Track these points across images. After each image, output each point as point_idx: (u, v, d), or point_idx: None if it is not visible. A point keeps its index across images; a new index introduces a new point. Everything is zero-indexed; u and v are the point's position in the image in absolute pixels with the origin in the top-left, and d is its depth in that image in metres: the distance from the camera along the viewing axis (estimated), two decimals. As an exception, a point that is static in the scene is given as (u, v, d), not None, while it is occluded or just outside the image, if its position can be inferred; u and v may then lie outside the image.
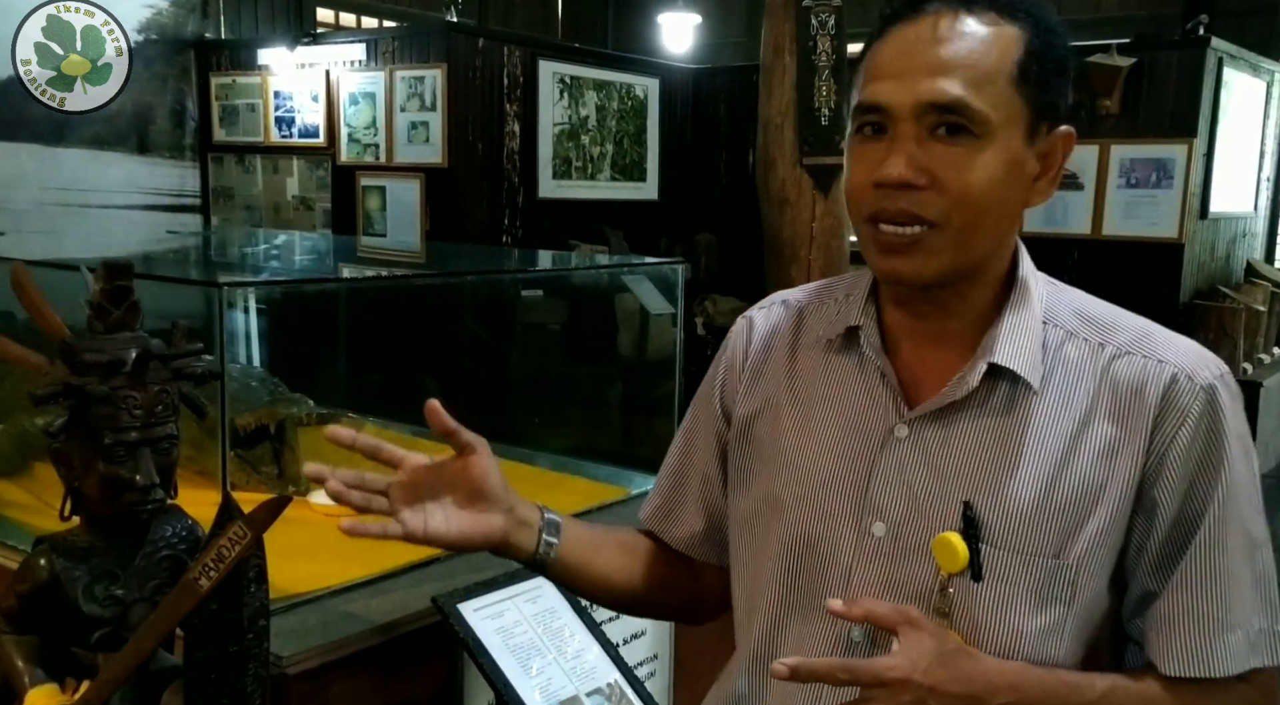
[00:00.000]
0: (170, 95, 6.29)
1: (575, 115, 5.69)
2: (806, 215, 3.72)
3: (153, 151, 6.26)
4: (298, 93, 5.70)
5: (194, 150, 6.36)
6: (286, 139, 5.80)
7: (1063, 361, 1.03)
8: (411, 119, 5.18)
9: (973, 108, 0.95)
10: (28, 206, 5.74)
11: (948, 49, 0.96)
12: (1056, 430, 1.01)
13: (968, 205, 0.96)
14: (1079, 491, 0.99)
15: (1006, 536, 1.00)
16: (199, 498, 2.28)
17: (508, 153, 5.33)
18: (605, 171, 5.92)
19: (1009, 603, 0.99)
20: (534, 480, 2.48)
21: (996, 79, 0.96)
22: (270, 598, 1.73)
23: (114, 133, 6.11)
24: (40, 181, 5.84)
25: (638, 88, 6.07)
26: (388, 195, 5.31)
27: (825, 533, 1.08)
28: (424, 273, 2.97)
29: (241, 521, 1.08)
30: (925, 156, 0.96)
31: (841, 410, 1.10)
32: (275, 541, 2.01)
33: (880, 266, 1.02)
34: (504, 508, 1.16)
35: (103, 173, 6.08)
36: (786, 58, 3.71)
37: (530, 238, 5.41)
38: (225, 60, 6.16)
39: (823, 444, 1.10)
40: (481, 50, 5.20)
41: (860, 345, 1.09)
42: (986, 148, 0.96)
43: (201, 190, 6.36)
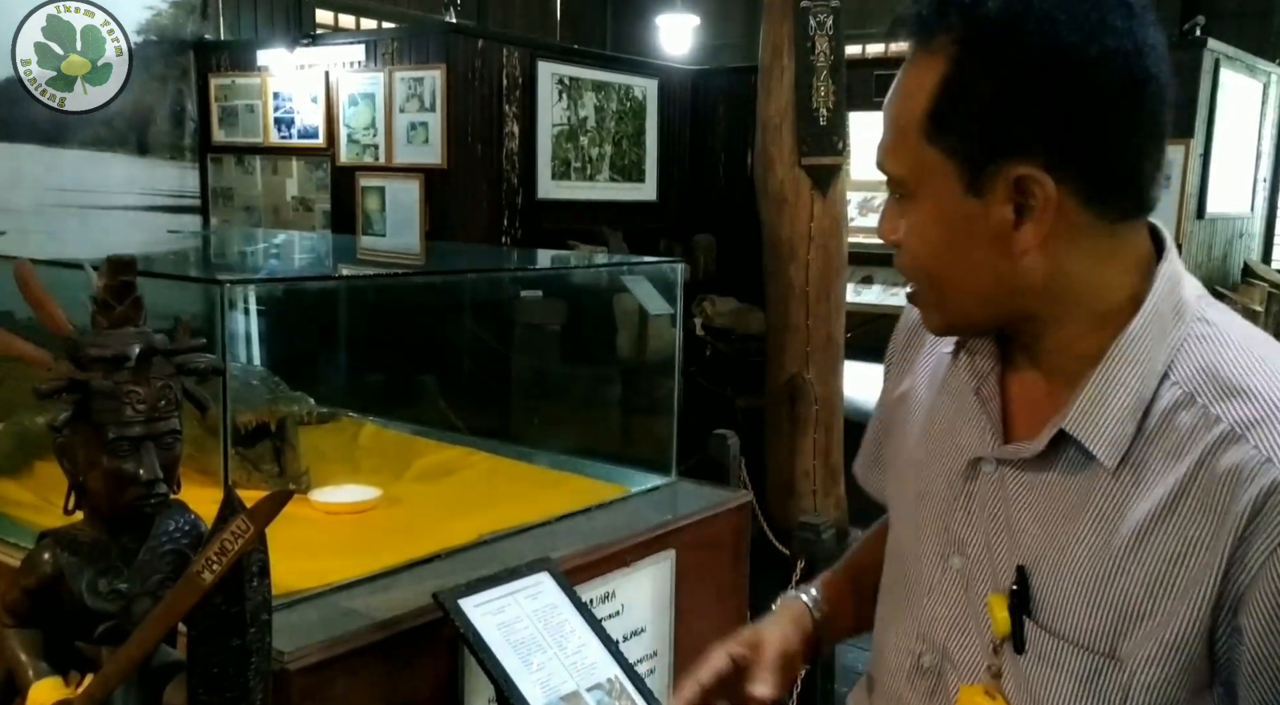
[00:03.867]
0: (170, 96, 6.29)
1: (574, 116, 5.69)
2: (805, 215, 3.72)
3: (153, 152, 6.26)
4: (297, 94, 5.70)
5: (194, 151, 6.36)
6: (286, 140, 5.80)
7: (1168, 430, 0.87)
8: (411, 120, 5.19)
9: (889, 171, 0.92)
10: (27, 207, 5.75)
11: (886, 107, 0.93)
12: (1135, 511, 0.87)
13: (917, 263, 0.93)
14: (1143, 587, 0.86)
15: (1055, 617, 0.90)
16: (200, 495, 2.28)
17: (507, 153, 5.33)
18: (604, 172, 5.92)
19: (1051, 686, 0.91)
20: (534, 480, 2.49)
21: (907, 133, 0.89)
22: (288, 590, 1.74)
23: (114, 134, 6.11)
24: (40, 182, 5.84)
25: (636, 89, 6.08)
26: (387, 196, 5.32)
27: (916, 549, 1.04)
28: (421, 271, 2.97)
29: (244, 516, 1.08)
30: (896, 216, 0.94)
31: (950, 423, 1.03)
32: (276, 538, 2.01)
33: None
34: (791, 652, 1.17)
35: (103, 174, 6.08)
36: (785, 58, 3.72)
37: (529, 238, 5.42)
38: (225, 61, 6.16)
39: (929, 452, 1.05)
40: (481, 51, 5.21)
41: (960, 365, 1.03)
42: (918, 209, 0.91)
43: (201, 191, 6.36)
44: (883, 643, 1.10)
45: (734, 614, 2.32)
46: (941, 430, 1.03)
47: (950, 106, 0.85)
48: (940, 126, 0.86)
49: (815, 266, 3.72)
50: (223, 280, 1.57)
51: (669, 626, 2.17)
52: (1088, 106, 0.83)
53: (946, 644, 1.00)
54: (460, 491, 2.39)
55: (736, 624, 2.42)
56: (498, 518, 2.14)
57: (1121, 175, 0.87)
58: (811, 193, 3.72)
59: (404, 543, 2.00)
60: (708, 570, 2.28)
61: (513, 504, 2.26)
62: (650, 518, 2.24)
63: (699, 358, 5.32)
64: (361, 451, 2.70)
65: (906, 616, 1.04)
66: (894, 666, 1.06)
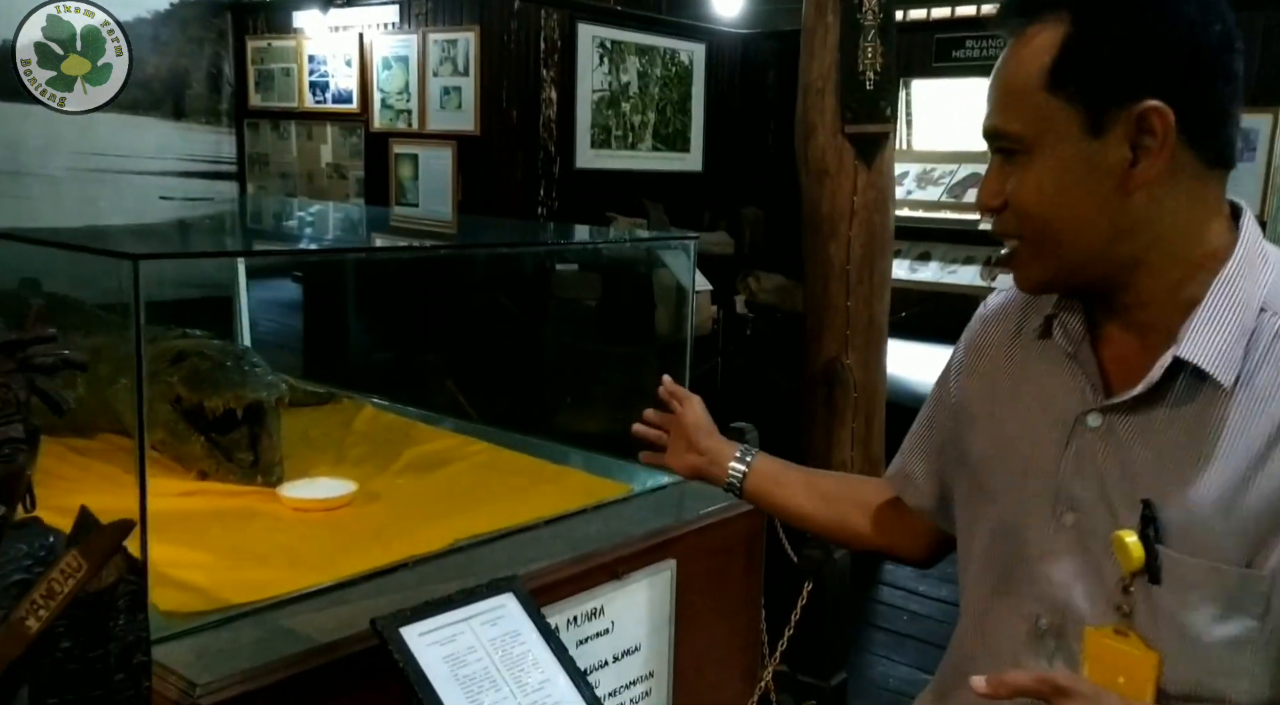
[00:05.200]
0: (206, 59, 6.17)
1: (616, 82, 5.44)
2: (848, 187, 3.45)
3: (188, 117, 6.16)
4: (332, 57, 5.54)
5: (230, 116, 6.24)
6: (320, 104, 5.65)
7: (1275, 354, 0.97)
8: (444, 84, 4.99)
9: (1006, 131, 1.01)
10: (61, 173, 5.67)
11: (995, 78, 1.03)
12: (1253, 430, 0.96)
13: (1030, 219, 1.02)
14: (1274, 498, 0.94)
15: (1188, 540, 0.97)
16: (165, 487, 2.11)
17: (544, 121, 5.11)
18: (646, 141, 5.67)
19: (1191, 609, 0.97)
20: (531, 474, 2.28)
21: (1027, 93, 0.99)
22: (200, 610, 1.55)
23: (149, 97, 6.01)
24: (74, 147, 5.76)
25: (683, 53, 5.80)
26: (420, 164, 5.13)
27: (1023, 519, 1.10)
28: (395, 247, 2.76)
29: (77, 551, 0.88)
30: (1001, 179, 1.03)
31: (1043, 397, 1.11)
32: (227, 541, 1.83)
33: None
34: (698, 450, 1.49)
35: (138, 138, 5.99)
36: (829, 17, 3.44)
37: (566, 210, 5.20)
38: (261, 23, 6.01)
39: (1024, 430, 1.12)
40: (517, 12, 4.98)
41: (1053, 335, 1.10)
42: (1034, 162, 1.00)
43: (238, 157, 6.24)
44: (987, 626, 1.15)
45: (745, 631, 2.10)
46: (1036, 404, 1.11)
47: (1074, 58, 0.97)
48: (1064, 77, 0.97)
49: (858, 243, 3.44)
50: (135, 255, 1.37)
51: (667, 645, 1.95)
52: (1198, 57, 0.96)
53: (1068, 600, 1.05)
54: (447, 487, 2.19)
55: (748, 642, 2.21)
56: (479, 520, 1.94)
57: (1218, 120, 0.99)
58: (855, 163, 3.44)
59: (370, 548, 1.80)
60: (715, 582, 2.06)
61: (499, 504, 2.05)
62: (649, 522, 2.02)
63: (739, 337, 5.07)
64: (353, 437, 2.51)
65: (1016, 590, 1.10)
66: (1008, 638, 1.11)
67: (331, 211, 4.48)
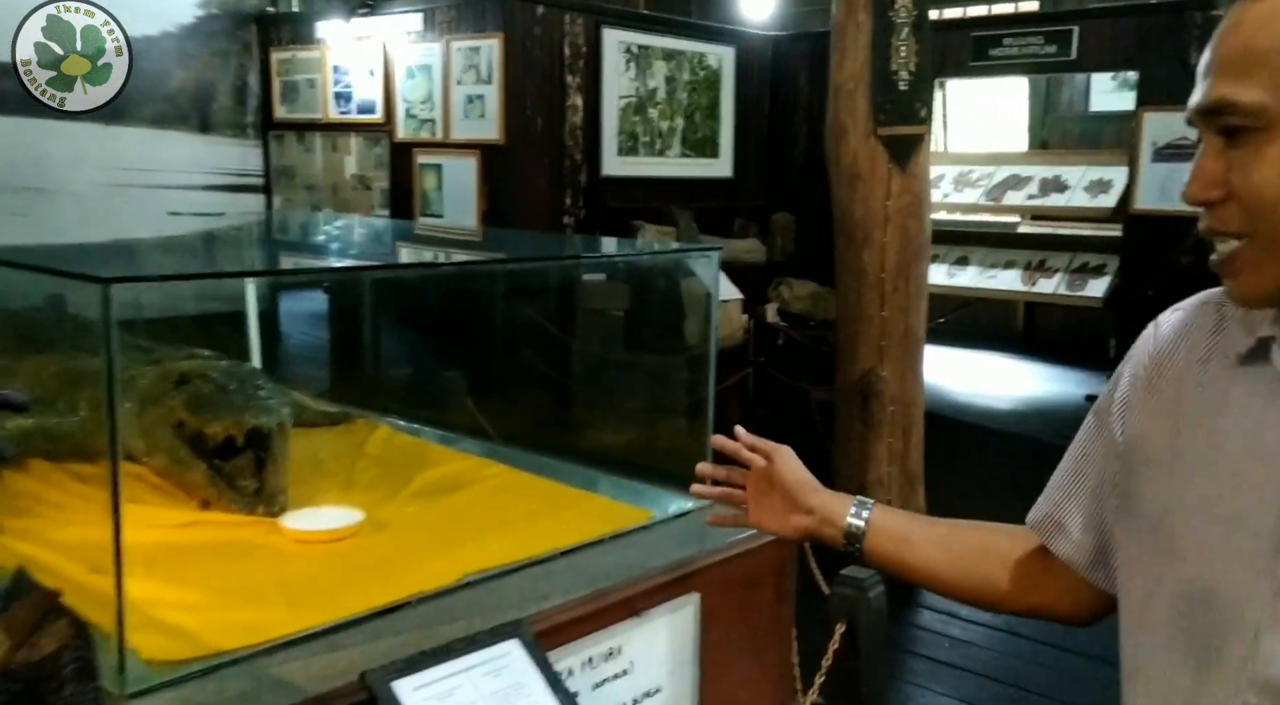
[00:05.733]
0: (232, 72, 6.14)
1: (643, 87, 5.33)
2: (881, 192, 3.31)
3: (214, 130, 6.13)
4: (355, 67, 5.48)
5: (256, 128, 6.21)
6: (345, 115, 5.59)
7: None
8: (468, 92, 4.90)
9: (1238, 104, 0.85)
10: (86, 188, 5.66)
11: (1223, 41, 0.88)
12: None
13: (1265, 213, 0.85)
14: None
15: None
16: (164, 517, 2.02)
17: (569, 128, 5.01)
18: (675, 147, 5.55)
19: None
20: (548, 499, 2.17)
21: (1270, 57, 0.84)
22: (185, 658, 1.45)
23: (175, 111, 5.99)
24: (100, 162, 5.75)
25: (711, 57, 5.68)
26: (444, 174, 5.05)
27: (1229, 580, 0.93)
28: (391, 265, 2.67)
29: None
30: (1221, 166, 0.88)
31: (1254, 437, 0.92)
32: (222, 577, 1.73)
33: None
34: (803, 509, 1.32)
35: (164, 152, 5.96)
36: (860, 15, 3.30)
37: (593, 218, 5.10)
38: (286, 34, 5.97)
39: (1227, 477, 0.94)
40: (541, 18, 4.89)
41: (1272, 360, 0.92)
42: (1274, 140, 0.84)
43: (264, 169, 6.20)
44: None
45: (775, 668, 1.97)
46: (1244, 445, 0.93)
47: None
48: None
49: (892, 249, 3.30)
50: (106, 278, 1.28)
51: (691, 686, 1.83)
52: None
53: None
54: (459, 515, 2.08)
55: (778, 680, 2.07)
56: (490, 551, 1.83)
57: None
58: (889, 166, 3.30)
59: (373, 584, 1.69)
60: (742, 616, 1.93)
61: (513, 533, 1.94)
62: (671, 552, 1.90)
63: (770, 346, 4.94)
64: (365, 461, 2.42)
65: (1224, 670, 0.92)
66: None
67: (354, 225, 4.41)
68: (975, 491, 3.35)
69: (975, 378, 6.90)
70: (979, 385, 6.77)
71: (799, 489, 1.33)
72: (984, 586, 1.24)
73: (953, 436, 5.44)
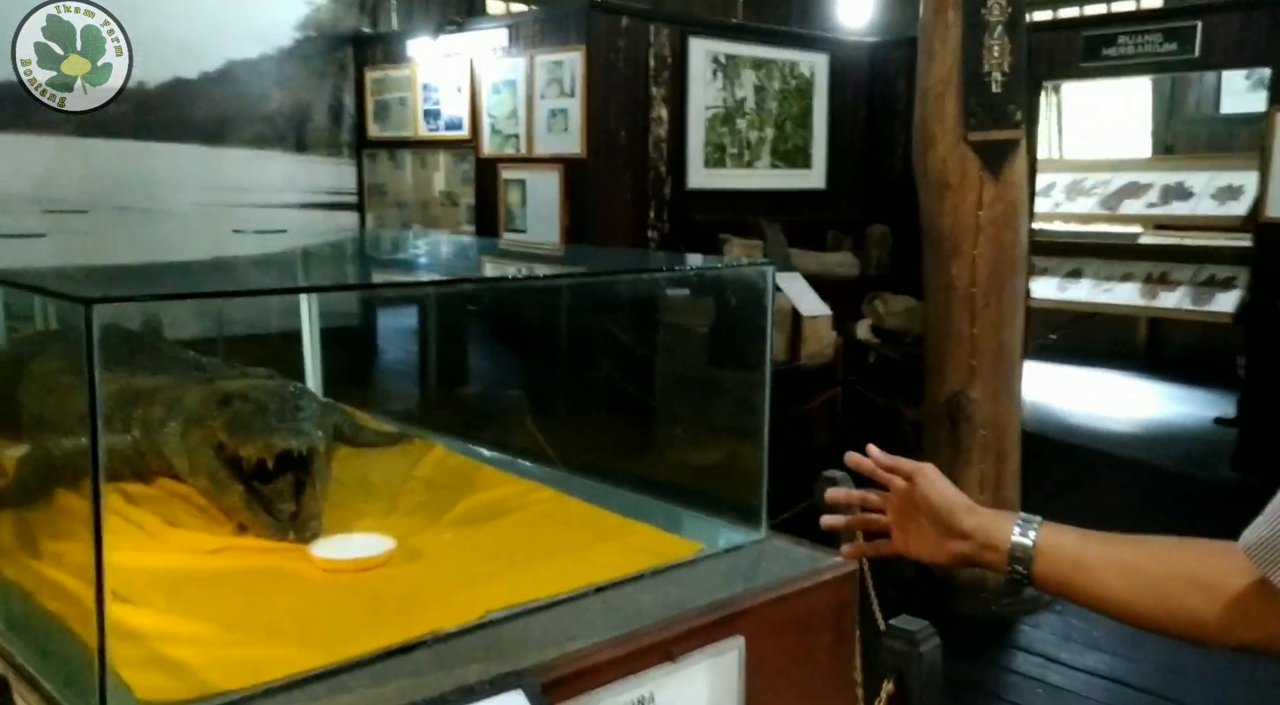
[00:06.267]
0: (328, 92, 6.25)
1: (730, 97, 5.20)
2: (971, 201, 3.10)
3: (310, 149, 6.24)
4: (444, 84, 5.50)
5: (351, 147, 6.30)
6: (434, 132, 5.61)
7: None
8: (551, 106, 4.86)
9: None
10: (188, 208, 5.81)
11: None
12: None
13: None
14: None
15: None
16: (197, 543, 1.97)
17: (654, 140, 4.91)
18: (764, 158, 5.40)
19: None
20: (593, 528, 2.04)
21: None
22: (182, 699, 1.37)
23: (274, 131, 6.12)
24: (202, 182, 5.90)
25: (803, 65, 5.51)
26: (528, 189, 5.01)
27: None
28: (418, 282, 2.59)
29: None
30: None
31: None
32: (240, 608, 1.65)
33: None
34: (958, 533, 1.20)
35: (262, 172, 6.10)
36: (950, 13, 3.11)
37: (677, 232, 4.98)
38: (379, 54, 6.04)
39: None
40: (625, 30, 4.81)
41: None
42: None
43: (358, 187, 6.29)
44: None
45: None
46: None
47: None
48: None
49: (984, 262, 3.09)
50: (89, 298, 1.21)
51: (735, 737, 1.68)
52: None
53: None
54: (497, 544, 1.98)
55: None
56: (521, 585, 1.71)
57: None
58: (980, 174, 3.09)
59: (393, 619, 1.60)
60: (794, 663, 1.77)
61: (549, 564, 1.83)
62: (715, 589, 1.75)
63: (861, 364, 4.73)
64: (413, 483, 2.34)
65: None
66: None
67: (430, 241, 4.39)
68: (1086, 524, 3.10)
69: (1090, 398, 6.51)
70: (1094, 406, 6.38)
71: (951, 510, 1.21)
72: (1184, 619, 1.07)
73: (1062, 462, 5.12)
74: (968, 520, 1.20)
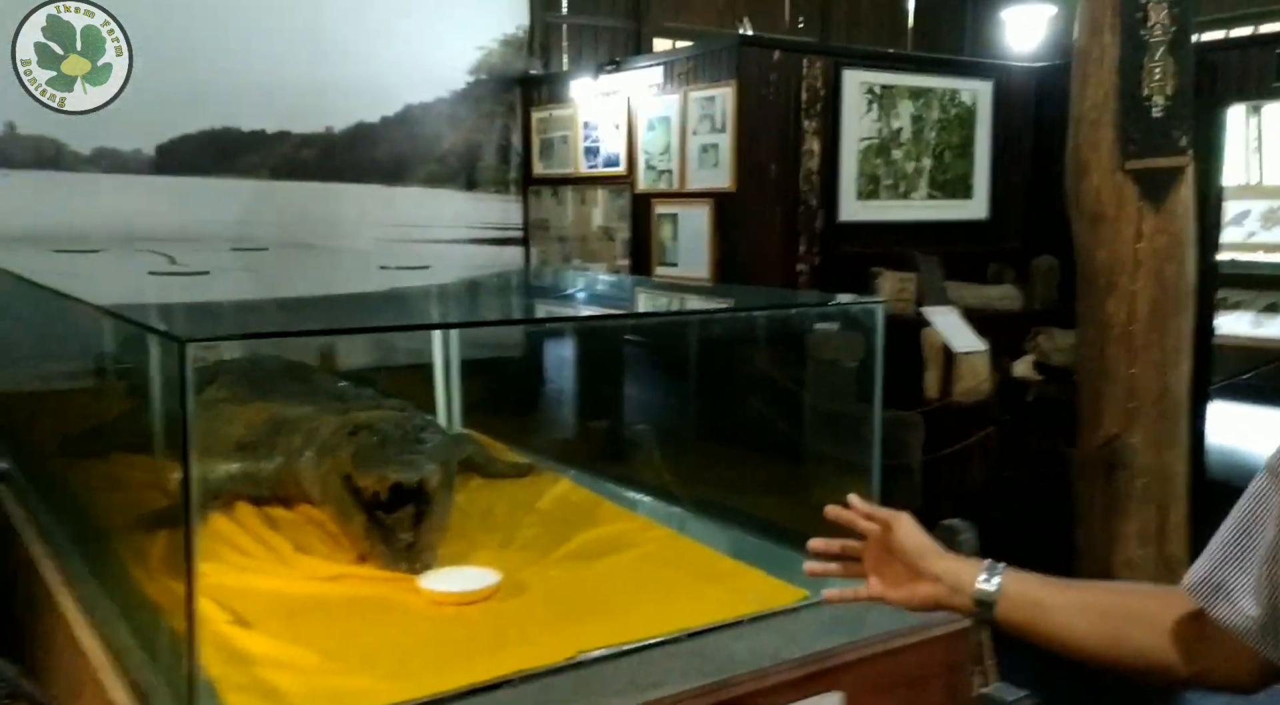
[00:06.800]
0: (497, 132, 6.49)
1: (886, 128, 5.09)
2: (1129, 233, 2.92)
3: (480, 187, 6.49)
4: (603, 122, 5.62)
5: (518, 184, 6.52)
6: (593, 169, 5.74)
7: None
8: (703, 142, 4.88)
9: None
10: (369, 244, 6.14)
11: None
12: None
13: None
14: None
15: None
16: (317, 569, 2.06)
17: (805, 173, 4.86)
18: (921, 189, 5.25)
19: None
20: (701, 570, 2.03)
21: None
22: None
23: (446, 171, 6.41)
24: (380, 220, 6.24)
25: (964, 93, 5.34)
26: (679, 223, 5.05)
27: None
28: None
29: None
30: None
31: None
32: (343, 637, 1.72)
33: None
34: (929, 577, 1.25)
35: (435, 209, 6.39)
36: (1106, 36, 2.96)
37: (828, 265, 4.90)
38: (545, 94, 6.24)
39: None
40: (777, 63, 4.79)
41: None
42: None
43: (523, 223, 6.49)
44: None
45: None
46: None
47: None
48: None
49: (1144, 298, 2.90)
50: (184, 338, 1.29)
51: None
52: None
53: None
54: (601, 581, 1.99)
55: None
56: (616, 627, 1.72)
57: None
58: (1139, 204, 2.91)
59: (484, 655, 1.63)
60: (897, 722, 1.70)
61: (649, 606, 1.83)
62: (817, 640, 1.70)
63: (1017, 403, 4.50)
64: (533, 517, 2.39)
65: None
66: None
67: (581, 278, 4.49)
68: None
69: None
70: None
71: (921, 555, 1.27)
72: (1135, 656, 1.12)
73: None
74: (937, 565, 1.25)
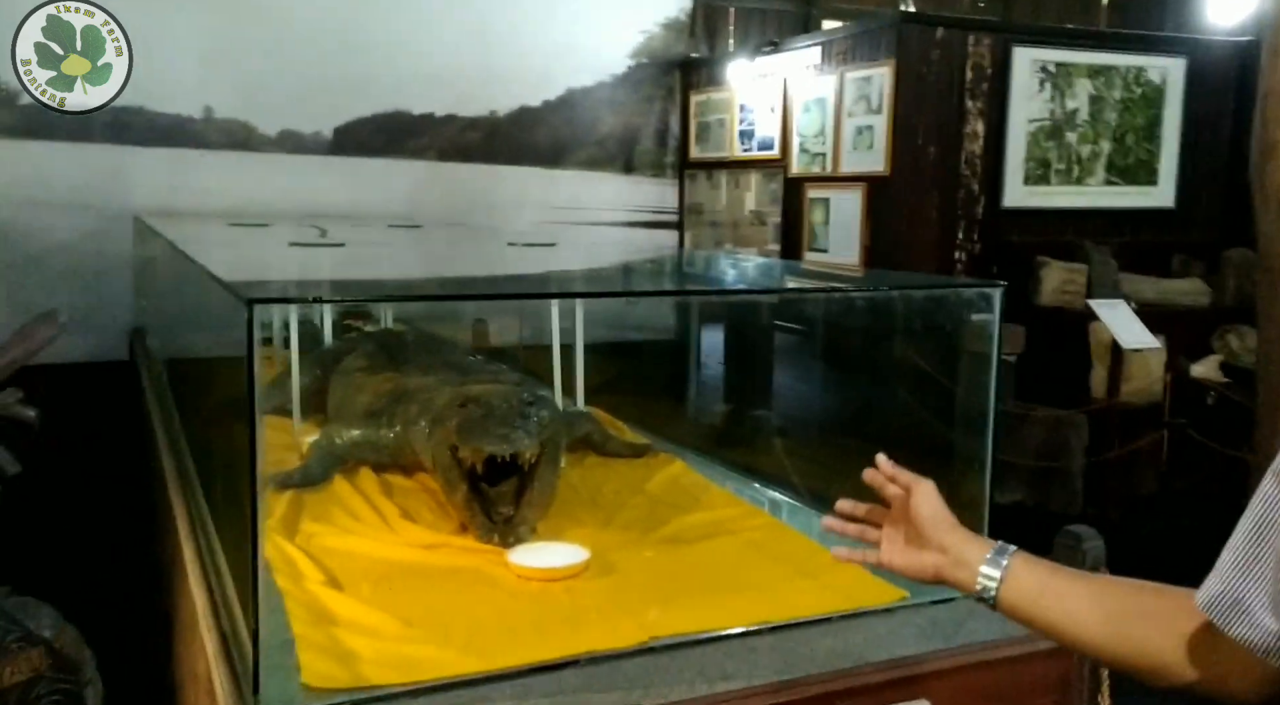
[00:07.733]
0: (656, 116, 6.49)
1: (1060, 109, 4.78)
2: (1317, 222, 2.62)
3: (637, 170, 6.51)
4: (759, 105, 5.53)
5: (674, 168, 6.50)
6: (747, 152, 5.65)
7: None
8: (858, 124, 4.72)
9: None
10: (528, 226, 6.26)
11: None
12: None
13: None
14: None
15: None
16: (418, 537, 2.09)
17: (966, 157, 4.62)
18: (1098, 174, 4.90)
19: None
20: (799, 561, 1.95)
21: None
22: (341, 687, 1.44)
23: (605, 154, 6.45)
24: (541, 201, 6.34)
25: (1152, 71, 4.95)
26: (831, 207, 4.90)
27: None
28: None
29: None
30: None
31: None
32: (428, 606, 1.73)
33: None
34: (936, 547, 1.22)
35: (593, 192, 6.44)
36: (1298, 3, 2.65)
37: (989, 254, 4.65)
38: (703, 78, 6.19)
39: None
40: (939, 41, 4.57)
41: None
42: None
43: (679, 207, 6.47)
44: None
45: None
46: None
47: None
48: None
49: (1331, 294, 2.59)
50: (249, 299, 1.31)
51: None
52: None
53: None
54: (692, 567, 1.94)
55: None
56: (696, 615, 1.67)
57: None
58: (1330, 190, 2.60)
59: (558, 633, 1.62)
60: (990, 738, 1.58)
61: (737, 596, 1.77)
62: (905, 644, 1.60)
63: (1196, 406, 4.15)
64: (640, 498, 2.36)
65: None
66: None
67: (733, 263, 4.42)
68: None
69: None
70: None
71: (934, 524, 1.23)
72: (1139, 654, 1.08)
73: None
74: (947, 536, 1.22)
